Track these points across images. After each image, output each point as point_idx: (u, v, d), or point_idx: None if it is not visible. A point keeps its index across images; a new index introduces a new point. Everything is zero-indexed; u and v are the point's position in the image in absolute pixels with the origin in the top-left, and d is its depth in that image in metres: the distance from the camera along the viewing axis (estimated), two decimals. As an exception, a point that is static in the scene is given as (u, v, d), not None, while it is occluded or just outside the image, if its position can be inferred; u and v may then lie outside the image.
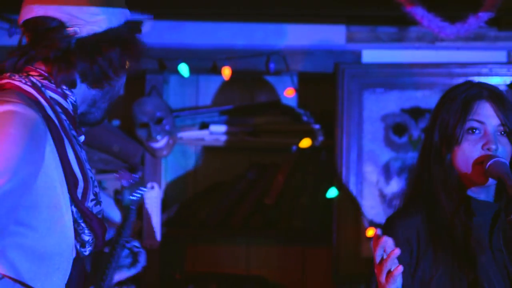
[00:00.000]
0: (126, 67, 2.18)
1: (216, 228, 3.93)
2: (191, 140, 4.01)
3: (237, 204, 3.95)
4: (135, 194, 2.68)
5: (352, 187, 3.80)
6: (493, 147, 2.30)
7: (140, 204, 2.86)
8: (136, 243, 2.52)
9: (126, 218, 2.61)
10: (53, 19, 2.06)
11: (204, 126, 4.01)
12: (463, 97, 2.38)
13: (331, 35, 3.86)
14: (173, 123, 3.90)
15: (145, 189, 2.77)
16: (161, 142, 3.87)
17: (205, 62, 3.88)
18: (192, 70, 3.88)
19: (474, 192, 2.36)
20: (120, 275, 2.46)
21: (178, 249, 4.11)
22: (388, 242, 2.10)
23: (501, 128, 2.33)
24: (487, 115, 2.33)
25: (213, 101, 4.14)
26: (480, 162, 2.30)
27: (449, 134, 2.35)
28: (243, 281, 3.98)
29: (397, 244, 2.14)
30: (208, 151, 4.14)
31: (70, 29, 2.07)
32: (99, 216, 2.08)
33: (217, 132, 3.97)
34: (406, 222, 2.38)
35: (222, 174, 4.08)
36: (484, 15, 3.19)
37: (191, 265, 4.11)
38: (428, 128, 2.44)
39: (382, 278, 2.12)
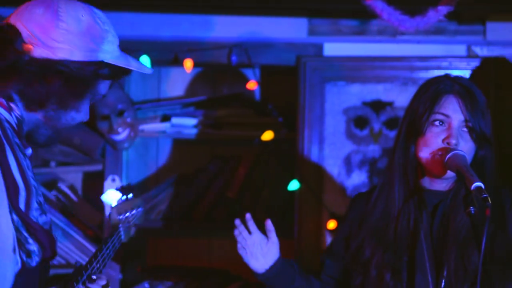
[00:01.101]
0: (70, 104, 2.06)
1: (178, 221, 3.92)
2: (153, 132, 3.99)
3: (199, 197, 3.95)
4: (124, 215, 2.56)
5: (314, 180, 3.81)
6: (453, 141, 2.33)
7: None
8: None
9: (110, 237, 2.50)
10: (16, 30, 2.00)
11: (165, 118, 4.00)
12: (433, 89, 2.41)
13: (293, 28, 3.86)
14: (134, 116, 3.88)
15: (139, 210, 2.67)
16: (122, 135, 3.84)
17: (167, 54, 3.87)
18: (153, 62, 3.86)
19: (429, 185, 2.40)
20: None
21: (139, 242, 4.09)
22: None
23: (465, 124, 2.36)
24: (453, 110, 2.36)
25: (175, 93, 4.12)
26: (439, 154, 2.32)
27: (415, 124, 2.39)
28: (205, 274, 3.97)
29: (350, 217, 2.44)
30: (170, 143, 4.12)
31: (25, 45, 1.99)
32: (46, 226, 1.98)
33: (179, 124, 3.96)
34: (363, 199, 2.57)
35: (184, 167, 4.07)
36: (443, 9, 3.22)
37: (152, 258, 4.10)
38: (402, 117, 2.49)
39: None
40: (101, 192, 3.90)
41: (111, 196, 2.59)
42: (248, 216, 2.39)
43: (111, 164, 3.90)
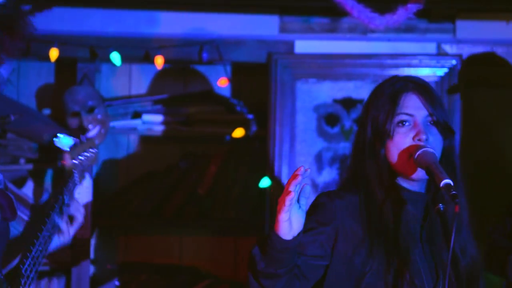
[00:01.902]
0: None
1: (149, 218, 3.91)
2: (124, 129, 3.98)
3: (169, 194, 3.94)
4: (78, 158, 2.59)
5: (285, 177, 3.81)
6: (424, 137, 2.33)
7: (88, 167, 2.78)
8: (74, 208, 2.43)
9: (65, 183, 2.53)
10: None
11: (136, 115, 3.99)
12: (389, 91, 2.40)
13: (264, 25, 3.86)
14: (105, 112, 3.86)
15: (93, 151, 2.70)
16: (92, 131, 3.82)
17: (138, 50, 3.85)
18: (124, 59, 3.85)
19: (408, 184, 2.39)
20: (53, 244, 2.37)
21: (109, 239, 4.08)
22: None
23: (430, 118, 2.36)
24: (415, 107, 2.36)
25: (146, 90, 4.11)
26: (410, 153, 2.33)
27: (381, 130, 2.37)
28: (175, 271, 3.97)
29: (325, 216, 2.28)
30: (141, 140, 4.11)
31: None
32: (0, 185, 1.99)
33: (150, 121, 3.95)
34: (341, 202, 2.39)
35: (155, 164, 4.06)
36: (413, 7, 3.24)
37: (123, 255, 4.08)
38: (360, 124, 2.45)
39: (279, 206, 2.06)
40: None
41: (63, 142, 2.60)
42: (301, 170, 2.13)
43: (81, 161, 3.88)
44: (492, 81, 3.88)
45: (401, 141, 2.33)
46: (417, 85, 2.38)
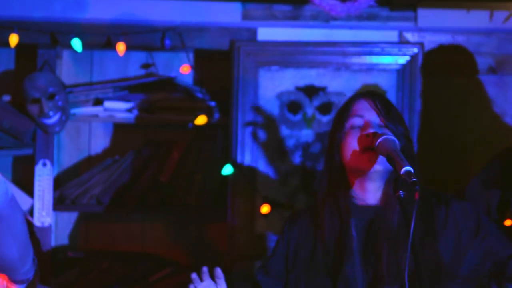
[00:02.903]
0: None
1: (111, 206, 3.89)
2: (85, 116, 3.95)
3: (132, 181, 3.92)
4: None
5: (247, 164, 3.82)
6: (372, 130, 2.37)
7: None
8: None
9: None
10: None
11: (98, 102, 3.96)
12: (343, 105, 2.52)
13: (227, 12, 3.85)
14: (66, 99, 3.83)
15: None
16: (53, 118, 3.79)
17: (99, 37, 3.83)
18: (85, 45, 3.82)
19: (361, 194, 2.42)
20: None
21: (71, 227, 4.06)
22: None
23: (379, 119, 2.41)
24: (366, 109, 2.46)
25: (108, 77, 4.08)
26: (363, 146, 2.37)
27: (335, 135, 2.48)
28: (137, 258, 3.95)
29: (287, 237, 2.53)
30: (102, 127, 4.08)
31: None
32: None
33: (112, 108, 3.92)
34: (297, 223, 2.57)
35: (117, 151, 4.04)
36: (374, -5, 3.25)
37: (84, 243, 4.06)
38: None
39: None
40: (32, 176, 3.85)
41: None
42: (194, 275, 2.42)
43: (42, 148, 3.85)
44: (453, 69, 3.91)
45: (352, 140, 2.40)
46: (368, 92, 2.52)
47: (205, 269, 2.45)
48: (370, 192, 2.43)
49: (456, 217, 2.39)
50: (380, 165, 2.36)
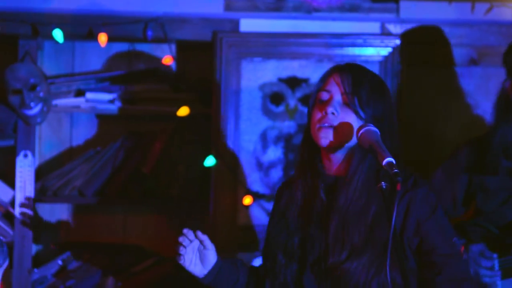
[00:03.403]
0: None
1: (93, 198, 3.88)
2: (67, 107, 3.93)
3: (114, 173, 3.91)
4: None
5: (230, 156, 3.82)
6: (329, 110, 2.38)
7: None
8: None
9: None
10: None
11: (80, 93, 3.94)
12: (323, 75, 2.51)
13: (209, 3, 3.85)
14: (47, 90, 3.81)
15: None
16: (35, 109, 3.78)
17: (81, 28, 3.81)
18: (67, 36, 3.80)
19: (329, 168, 2.47)
20: None
21: (53, 219, 4.04)
22: None
23: (345, 96, 2.41)
24: (334, 84, 2.44)
25: (90, 68, 4.06)
26: (319, 126, 2.39)
27: (308, 108, 2.50)
28: (119, 250, 3.95)
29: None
30: (84, 118, 4.07)
31: None
32: None
33: (94, 99, 3.91)
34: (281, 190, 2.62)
35: (99, 142, 4.02)
36: (356, -14, 3.26)
37: (66, 234, 4.05)
38: None
39: None
40: (13, 168, 3.83)
41: None
42: (185, 230, 2.44)
43: (23, 140, 3.83)
44: (435, 60, 3.92)
45: (316, 114, 2.42)
46: (345, 66, 2.49)
47: (185, 230, 2.49)
48: (333, 162, 2.46)
49: (416, 200, 2.40)
50: (334, 142, 2.38)
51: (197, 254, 2.51)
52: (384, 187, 2.16)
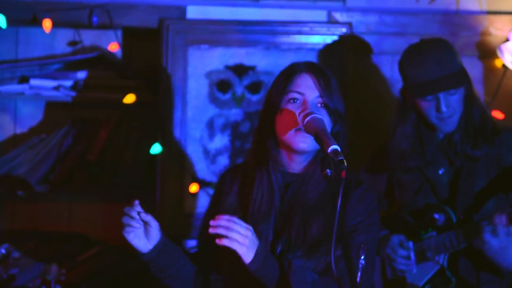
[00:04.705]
0: None
1: (37, 185, 3.83)
2: (10, 94, 3.88)
3: (59, 160, 3.88)
4: None
5: (176, 143, 3.81)
6: (309, 112, 2.39)
7: None
8: None
9: None
10: None
11: (24, 80, 3.89)
12: (287, 70, 2.52)
13: (156, -11, 3.83)
14: (-10, 76, 3.76)
15: None
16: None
17: (25, 13, 3.76)
18: (10, 22, 3.75)
19: (290, 164, 2.47)
20: None
21: (-4, 207, 4.00)
22: None
23: (320, 99, 2.44)
24: (307, 86, 2.45)
25: (34, 54, 4.01)
26: (297, 127, 2.39)
27: (273, 105, 2.48)
28: (64, 238, 3.92)
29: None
30: (28, 105, 4.02)
31: None
32: None
33: (38, 86, 3.86)
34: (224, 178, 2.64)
35: (43, 129, 3.98)
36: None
37: (10, 222, 4.00)
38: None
39: None
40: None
41: None
42: (136, 202, 2.41)
43: (-35, 127, 3.78)
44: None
45: (288, 116, 2.41)
46: (312, 66, 2.51)
47: (136, 202, 2.49)
48: (296, 162, 2.48)
49: (357, 198, 2.45)
50: (311, 147, 2.39)
51: (142, 229, 2.49)
52: (329, 174, 2.18)
